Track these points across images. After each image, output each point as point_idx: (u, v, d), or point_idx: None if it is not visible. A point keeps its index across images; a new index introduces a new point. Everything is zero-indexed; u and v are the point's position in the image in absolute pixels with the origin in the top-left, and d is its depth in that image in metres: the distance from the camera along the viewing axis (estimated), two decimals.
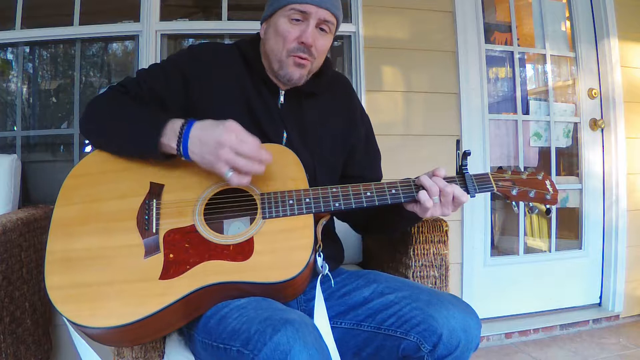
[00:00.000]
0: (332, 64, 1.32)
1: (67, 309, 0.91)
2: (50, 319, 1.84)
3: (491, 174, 1.12)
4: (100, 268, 0.95)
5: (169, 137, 0.99)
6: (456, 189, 1.06)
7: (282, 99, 1.21)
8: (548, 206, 1.13)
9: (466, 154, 1.09)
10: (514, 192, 1.11)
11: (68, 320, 0.91)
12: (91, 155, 1.09)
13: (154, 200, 1.03)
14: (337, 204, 1.05)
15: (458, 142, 1.14)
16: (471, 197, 1.09)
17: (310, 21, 1.12)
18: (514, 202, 1.13)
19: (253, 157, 0.96)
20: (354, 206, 1.06)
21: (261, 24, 1.22)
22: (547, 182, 1.14)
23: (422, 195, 1.04)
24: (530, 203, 1.13)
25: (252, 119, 1.16)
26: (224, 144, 0.94)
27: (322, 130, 1.23)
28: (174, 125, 0.99)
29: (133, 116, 1.05)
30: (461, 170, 1.10)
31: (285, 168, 1.08)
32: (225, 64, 1.19)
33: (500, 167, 1.16)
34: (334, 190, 1.06)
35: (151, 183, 1.04)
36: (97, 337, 0.95)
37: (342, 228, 1.36)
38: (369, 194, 1.07)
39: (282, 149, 1.12)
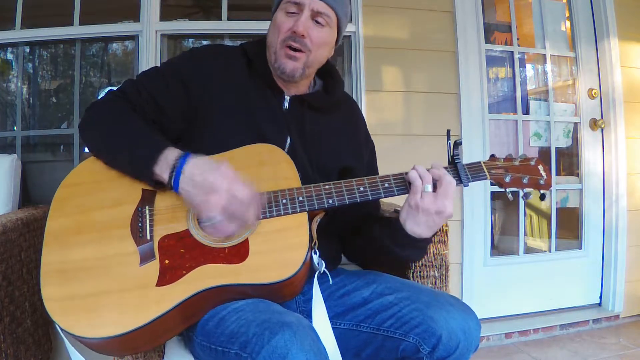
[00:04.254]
0: (343, 84, 1.30)
1: (64, 320, 0.91)
2: (51, 319, 1.84)
3: (484, 163, 1.12)
4: (96, 278, 0.94)
5: (162, 168, 0.98)
6: (436, 172, 1.03)
7: (286, 104, 1.20)
8: (542, 191, 1.12)
9: (457, 144, 1.09)
10: (507, 180, 1.11)
11: (66, 332, 0.91)
12: (82, 164, 1.09)
13: (147, 207, 1.02)
14: (330, 201, 1.04)
15: (449, 132, 1.13)
16: (464, 186, 1.08)
17: (304, 12, 1.12)
18: (507, 190, 1.12)
19: (247, 203, 0.95)
20: (347, 202, 1.05)
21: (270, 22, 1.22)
22: (540, 167, 1.14)
23: (413, 180, 1.03)
24: (524, 189, 1.12)
25: (253, 123, 1.15)
26: (217, 190, 0.94)
27: (322, 144, 1.21)
28: (168, 158, 0.98)
29: (130, 137, 1.04)
30: (453, 160, 1.09)
31: (277, 167, 1.07)
32: (227, 67, 1.18)
33: (492, 155, 1.15)
34: (327, 187, 1.06)
35: (143, 190, 1.04)
36: (96, 347, 0.95)
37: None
38: (362, 189, 1.06)
39: (272, 148, 1.10)
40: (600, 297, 2.64)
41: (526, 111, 2.65)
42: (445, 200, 1.02)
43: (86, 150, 2.17)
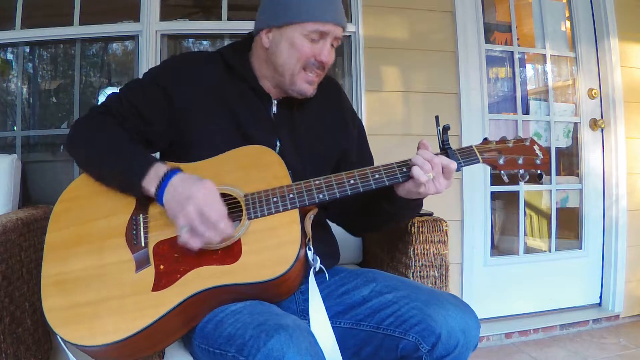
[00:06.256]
0: None
1: (65, 331, 0.92)
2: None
3: (476, 146, 1.12)
4: (94, 287, 0.96)
5: (151, 181, 1.00)
6: (443, 159, 1.05)
7: (275, 108, 1.20)
8: (540, 171, 1.11)
9: (446, 129, 1.09)
10: (502, 162, 1.10)
11: (67, 341, 0.92)
12: (79, 179, 1.10)
13: (141, 215, 1.04)
14: (321, 196, 1.05)
15: (437, 118, 1.13)
16: (457, 170, 1.08)
17: (327, 39, 1.13)
18: (502, 172, 1.11)
19: (214, 222, 0.94)
20: (338, 196, 1.05)
21: (262, 29, 1.16)
22: (536, 147, 1.13)
23: (415, 170, 1.04)
24: (520, 170, 1.11)
25: (238, 128, 1.15)
26: (192, 198, 0.94)
27: (314, 137, 1.22)
28: (158, 171, 1.00)
29: (117, 154, 1.05)
30: (444, 146, 1.10)
31: (267, 167, 1.08)
32: (204, 73, 1.18)
33: (485, 138, 1.15)
34: (317, 182, 1.06)
35: (137, 198, 1.05)
36: (96, 354, 0.96)
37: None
38: (352, 181, 1.06)
39: (262, 149, 1.11)
40: (600, 297, 2.64)
41: (526, 111, 2.65)
42: (446, 180, 1.07)
43: None
